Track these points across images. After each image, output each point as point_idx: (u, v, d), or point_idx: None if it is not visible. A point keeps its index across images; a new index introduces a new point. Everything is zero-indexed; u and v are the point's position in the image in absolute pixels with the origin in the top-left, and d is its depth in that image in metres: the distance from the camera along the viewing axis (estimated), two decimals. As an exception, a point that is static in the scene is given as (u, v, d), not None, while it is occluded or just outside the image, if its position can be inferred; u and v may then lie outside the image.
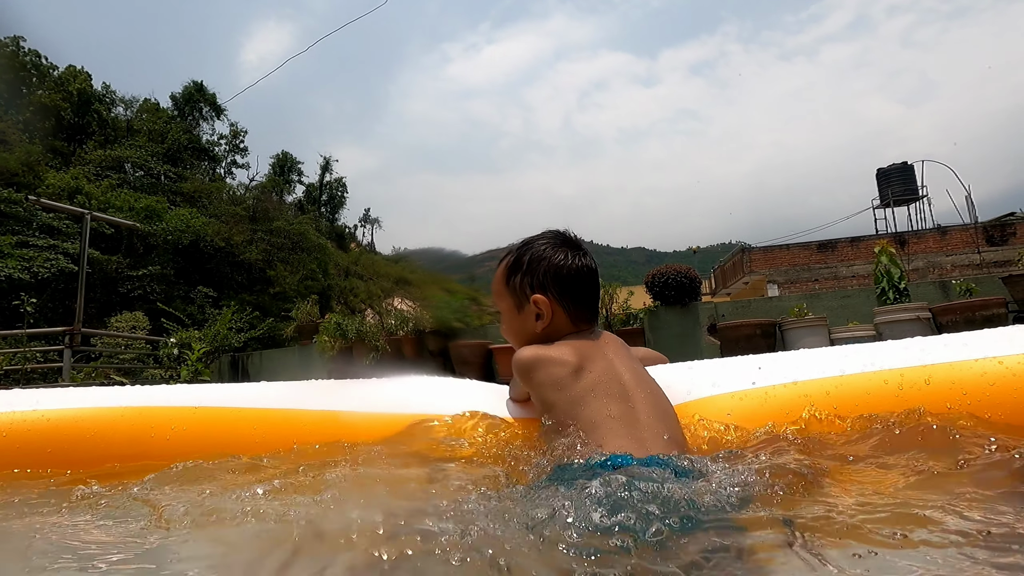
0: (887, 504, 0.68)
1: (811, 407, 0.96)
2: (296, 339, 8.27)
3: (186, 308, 16.01)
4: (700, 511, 0.68)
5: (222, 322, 7.87)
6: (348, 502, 0.80)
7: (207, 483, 1.06)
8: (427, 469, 1.01)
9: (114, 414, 1.41)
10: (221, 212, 23.25)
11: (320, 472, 1.05)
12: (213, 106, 31.49)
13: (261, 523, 0.76)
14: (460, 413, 1.21)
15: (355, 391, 1.37)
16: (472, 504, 0.74)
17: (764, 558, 0.61)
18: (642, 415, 0.96)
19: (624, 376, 1.03)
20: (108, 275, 17.86)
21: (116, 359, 8.99)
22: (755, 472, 0.75)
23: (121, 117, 26.86)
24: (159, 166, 24.65)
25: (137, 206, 19.62)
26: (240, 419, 1.36)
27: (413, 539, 0.64)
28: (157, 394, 1.51)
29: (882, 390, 0.95)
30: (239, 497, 0.86)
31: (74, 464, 1.33)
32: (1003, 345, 0.93)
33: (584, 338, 1.11)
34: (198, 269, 20.13)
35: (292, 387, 1.45)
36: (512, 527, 0.66)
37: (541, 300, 1.12)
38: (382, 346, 6.77)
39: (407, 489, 0.91)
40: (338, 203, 41.78)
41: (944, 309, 4.70)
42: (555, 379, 1.03)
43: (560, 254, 1.15)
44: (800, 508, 0.70)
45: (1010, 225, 15.31)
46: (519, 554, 0.60)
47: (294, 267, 23.61)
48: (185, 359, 6.96)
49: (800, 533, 0.64)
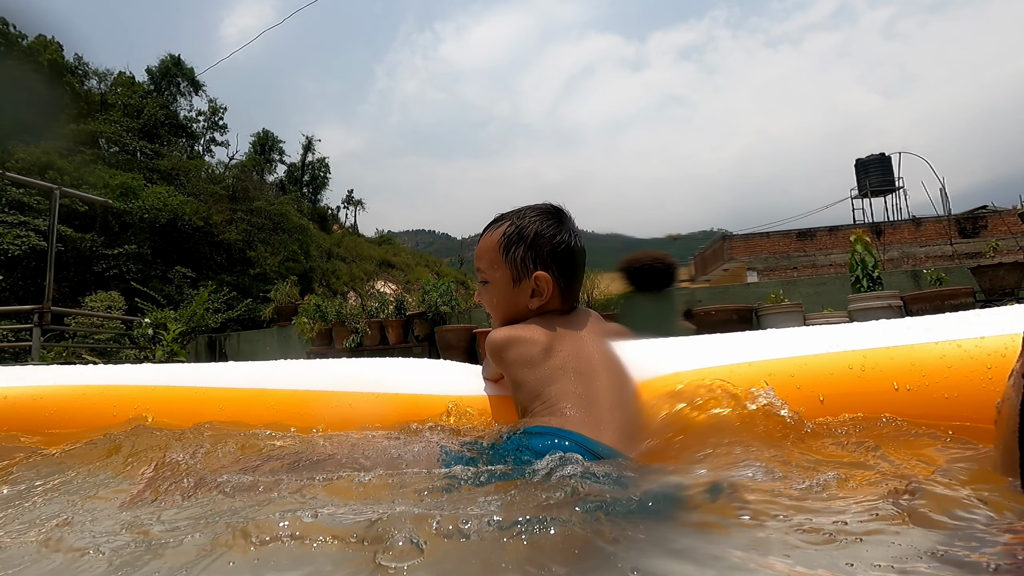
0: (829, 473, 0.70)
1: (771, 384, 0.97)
2: (275, 321, 8.17)
3: (163, 288, 15.70)
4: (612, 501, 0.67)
5: (199, 302, 7.75)
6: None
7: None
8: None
9: (76, 392, 1.38)
10: (200, 191, 22.75)
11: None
12: (191, 81, 30.63)
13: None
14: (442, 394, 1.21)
15: (326, 371, 1.36)
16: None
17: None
18: (604, 396, 0.96)
19: (593, 356, 1.03)
20: (82, 253, 17.42)
21: (90, 339, 8.81)
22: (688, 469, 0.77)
23: (95, 90, 25.99)
24: (135, 142, 23.98)
25: (112, 183, 19.09)
26: (208, 399, 1.34)
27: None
28: (122, 373, 1.47)
29: (845, 371, 0.96)
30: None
31: (34, 443, 1.30)
32: (962, 329, 0.95)
33: (561, 316, 1.11)
34: (176, 249, 19.73)
35: (262, 367, 1.42)
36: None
37: (544, 278, 1.11)
38: (363, 329, 6.72)
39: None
40: (321, 184, 41.13)
41: (915, 297, 4.81)
42: (526, 358, 1.03)
43: (564, 233, 1.14)
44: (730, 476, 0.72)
45: (982, 218, 15.64)
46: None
47: (275, 248, 23.26)
48: (160, 339, 6.84)
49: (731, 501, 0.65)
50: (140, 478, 0.84)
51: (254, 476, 0.82)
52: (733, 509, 0.63)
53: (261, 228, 23.16)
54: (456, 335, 6.16)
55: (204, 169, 26.30)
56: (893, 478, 0.69)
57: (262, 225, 23.27)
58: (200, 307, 7.75)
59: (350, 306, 7.32)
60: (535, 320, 1.10)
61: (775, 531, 0.58)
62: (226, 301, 8.91)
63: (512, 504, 0.66)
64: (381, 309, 6.88)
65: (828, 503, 0.63)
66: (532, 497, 0.67)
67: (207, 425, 1.18)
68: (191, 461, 0.91)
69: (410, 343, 6.61)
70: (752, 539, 0.57)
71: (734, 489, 0.67)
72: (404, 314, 6.76)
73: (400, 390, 1.21)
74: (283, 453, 0.99)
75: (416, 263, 40.63)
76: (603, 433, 0.91)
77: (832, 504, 0.63)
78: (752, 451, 0.77)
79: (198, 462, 0.92)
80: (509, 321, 1.14)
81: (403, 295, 7.21)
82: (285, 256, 23.43)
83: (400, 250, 44.25)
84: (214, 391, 1.34)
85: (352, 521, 0.61)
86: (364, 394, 1.21)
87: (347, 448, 1.00)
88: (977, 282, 5.12)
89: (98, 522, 0.72)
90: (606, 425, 0.92)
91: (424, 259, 46.54)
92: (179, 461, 0.90)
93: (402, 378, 1.25)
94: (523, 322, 1.11)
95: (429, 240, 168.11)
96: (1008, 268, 5.03)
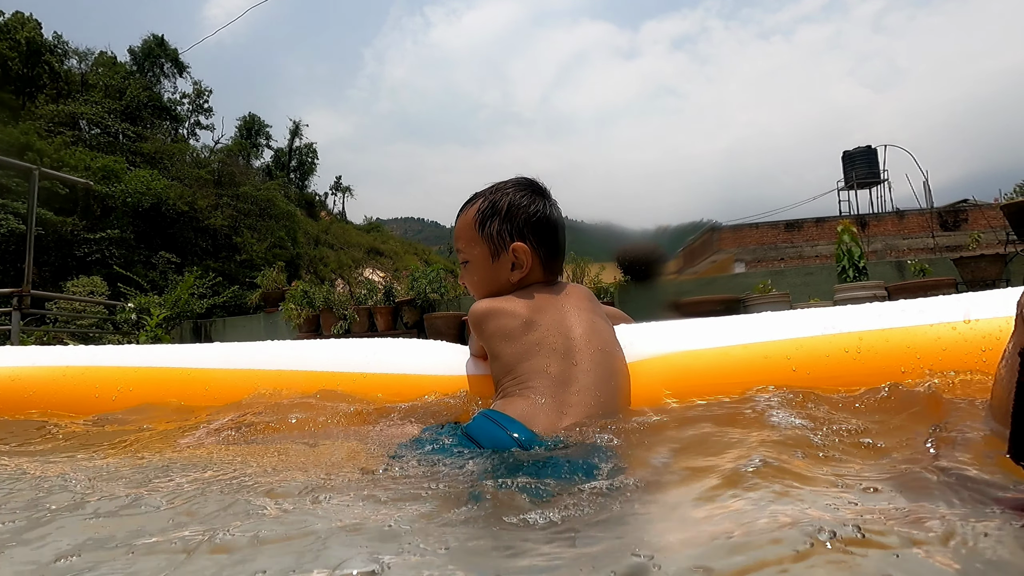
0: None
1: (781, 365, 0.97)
2: (262, 307, 8.09)
3: (147, 274, 15.48)
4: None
5: (183, 287, 7.64)
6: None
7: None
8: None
9: (56, 374, 1.35)
10: (184, 175, 22.38)
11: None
12: (175, 62, 30.04)
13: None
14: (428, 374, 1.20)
15: (314, 351, 1.33)
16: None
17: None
18: (581, 376, 0.95)
19: (575, 332, 1.00)
20: (63, 237, 17.09)
21: (72, 324, 8.65)
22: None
23: (75, 70, 25.36)
24: (117, 124, 23.47)
25: (93, 165, 18.70)
26: (194, 380, 1.31)
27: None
28: (104, 354, 1.44)
29: (840, 353, 0.96)
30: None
31: (11, 424, 1.27)
32: (957, 312, 0.95)
33: (545, 290, 1.09)
34: (160, 234, 19.43)
35: (249, 347, 1.39)
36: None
37: (521, 248, 1.09)
38: (351, 316, 6.68)
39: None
40: (308, 170, 40.69)
41: (899, 288, 4.87)
42: (505, 331, 1.02)
43: (538, 203, 1.12)
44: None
45: (963, 211, 15.87)
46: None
47: (261, 234, 23.00)
48: (144, 325, 6.74)
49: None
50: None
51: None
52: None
53: (247, 214, 22.87)
54: (445, 322, 6.14)
55: (189, 153, 25.87)
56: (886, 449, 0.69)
57: (248, 211, 22.98)
58: (185, 292, 7.65)
59: (338, 293, 7.27)
60: (518, 293, 1.08)
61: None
62: (211, 287, 8.79)
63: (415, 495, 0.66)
64: (369, 296, 6.83)
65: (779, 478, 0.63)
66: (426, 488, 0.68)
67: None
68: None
69: (399, 330, 6.59)
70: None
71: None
72: (393, 301, 6.73)
73: (391, 370, 1.19)
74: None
75: (405, 251, 40.46)
76: (565, 417, 0.90)
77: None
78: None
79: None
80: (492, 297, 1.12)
81: (392, 282, 7.17)
82: (272, 242, 23.19)
83: (388, 238, 44.03)
84: (200, 372, 1.31)
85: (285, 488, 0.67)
86: (353, 374, 1.19)
87: (310, 424, 1.04)
88: (959, 273, 5.21)
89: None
90: (572, 407, 0.91)
91: (413, 247, 46.37)
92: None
93: (393, 358, 1.23)
94: (503, 295, 1.09)
95: (418, 228, 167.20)
96: (989, 260, 5.12)
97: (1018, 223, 5.38)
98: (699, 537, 0.53)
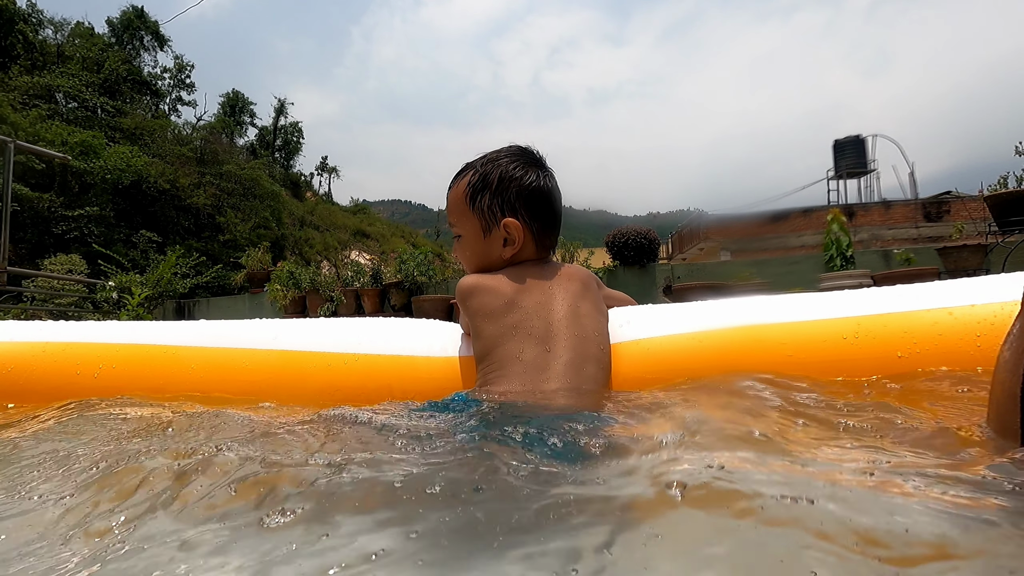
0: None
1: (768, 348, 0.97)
2: (246, 288, 7.98)
3: (128, 253, 15.18)
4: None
5: (165, 266, 7.50)
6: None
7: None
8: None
9: (35, 350, 1.30)
10: (165, 152, 21.84)
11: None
12: (155, 35, 29.15)
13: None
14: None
15: (303, 330, 1.30)
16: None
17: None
18: (553, 362, 0.93)
19: (555, 316, 0.98)
20: (40, 214, 16.64)
21: (50, 303, 8.47)
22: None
23: (51, 41, 24.49)
24: (95, 98, 22.79)
25: (71, 140, 18.16)
26: (179, 358, 1.27)
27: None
28: (86, 330, 1.40)
29: (838, 338, 0.96)
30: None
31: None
32: (954, 297, 0.95)
33: (535, 270, 1.06)
34: (141, 212, 19.01)
35: (236, 325, 1.36)
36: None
37: (513, 224, 1.05)
38: (338, 297, 6.62)
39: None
40: (293, 149, 39.98)
41: (885, 276, 4.94)
42: (487, 309, 1.01)
43: (531, 174, 1.07)
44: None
45: (945, 203, 16.10)
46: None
47: (246, 214, 22.60)
48: (125, 304, 6.62)
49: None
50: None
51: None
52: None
53: (231, 193, 22.44)
54: (433, 305, 6.11)
55: (170, 129, 25.22)
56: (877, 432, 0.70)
57: (232, 190, 22.53)
58: (167, 271, 7.51)
59: (324, 275, 7.19)
60: (507, 270, 1.06)
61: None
62: (194, 266, 8.64)
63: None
64: (356, 278, 6.77)
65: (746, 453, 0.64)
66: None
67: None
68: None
69: (387, 312, 6.54)
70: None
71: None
72: (380, 283, 6.67)
73: (383, 351, 1.17)
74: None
75: (392, 234, 40.11)
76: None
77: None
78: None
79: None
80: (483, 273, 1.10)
81: (379, 265, 7.10)
82: (256, 223, 22.82)
83: (375, 220, 43.56)
84: (185, 350, 1.28)
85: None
86: (345, 355, 1.16)
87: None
88: (943, 262, 5.30)
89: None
90: (543, 395, 0.90)
91: (400, 230, 45.97)
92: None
93: (386, 339, 1.20)
94: (495, 271, 1.07)
95: (405, 211, 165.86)
96: (971, 250, 5.22)
97: (1000, 214, 5.46)
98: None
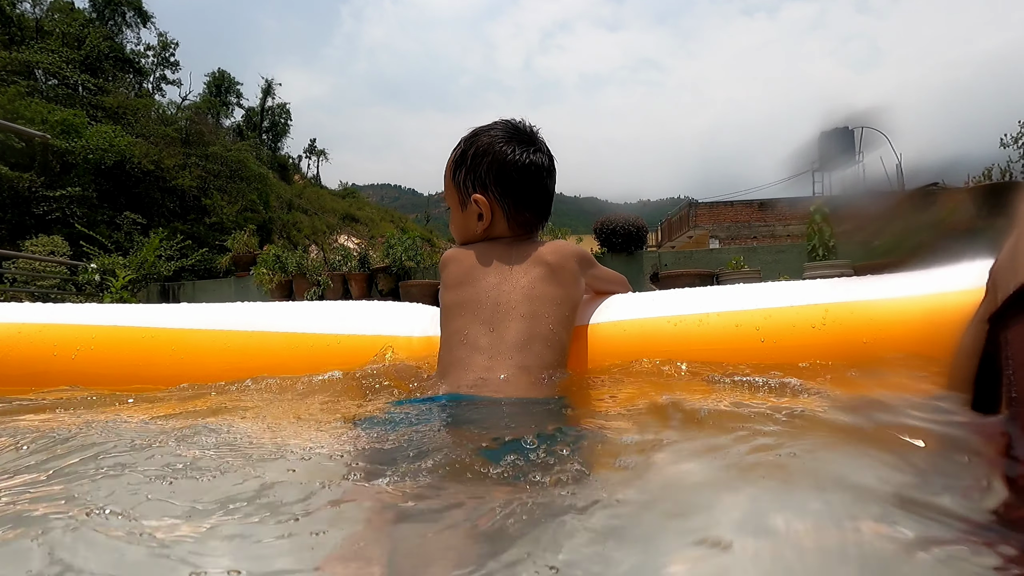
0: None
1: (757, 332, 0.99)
2: (232, 271, 7.92)
3: (112, 235, 14.91)
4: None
5: (149, 249, 7.40)
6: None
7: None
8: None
9: (10, 331, 1.29)
10: (149, 132, 21.42)
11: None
12: (138, 11, 28.40)
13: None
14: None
15: (285, 312, 1.30)
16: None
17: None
18: (497, 342, 0.94)
19: (505, 296, 0.98)
20: (20, 194, 16.29)
21: (32, 285, 8.34)
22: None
23: (29, 15, 23.78)
24: (76, 75, 22.22)
25: (51, 119, 17.75)
26: (159, 339, 1.27)
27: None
28: (63, 311, 1.38)
29: (806, 325, 0.98)
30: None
31: None
32: (920, 286, 0.98)
33: (504, 247, 1.05)
34: (124, 193, 18.66)
35: (217, 308, 1.35)
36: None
37: (480, 200, 1.05)
38: (325, 281, 6.59)
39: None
40: (281, 131, 39.38)
41: (866, 267, 5.02)
42: (448, 281, 1.05)
43: (508, 148, 1.04)
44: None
45: (931, 195, 16.31)
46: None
47: (232, 197, 22.30)
48: (108, 286, 6.54)
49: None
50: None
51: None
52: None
53: (217, 175, 22.10)
54: (421, 290, 6.11)
55: (154, 109, 24.72)
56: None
57: (218, 172, 22.20)
58: (151, 254, 7.42)
59: (312, 259, 7.15)
60: (478, 246, 1.06)
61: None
62: (180, 249, 8.54)
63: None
64: (344, 262, 6.74)
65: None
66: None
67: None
68: None
69: (374, 297, 6.53)
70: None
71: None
72: (368, 268, 6.65)
73: (364, 332, 1.17)
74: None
75: (381, 218, 39.80)
76: (483, 386, 0.90)
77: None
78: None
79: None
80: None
81: (367, 249, 7.07)
82: (243, 205, 22.53)
83: (364, 204, 43.21)
84: (165, 332, 1.27)
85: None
86: (326, 335, 1.17)
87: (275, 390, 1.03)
88: (924, 254, 5.38)
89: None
90: (481, 384, 0.90)
91: (389, 214, 45.65)
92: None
93: (367, 321, 1.21)
94: (473, 246, 1.08)
95: (395, 195, 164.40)
96: (953, 242, 5.30)
97: (984, 205, 5.55)
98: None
